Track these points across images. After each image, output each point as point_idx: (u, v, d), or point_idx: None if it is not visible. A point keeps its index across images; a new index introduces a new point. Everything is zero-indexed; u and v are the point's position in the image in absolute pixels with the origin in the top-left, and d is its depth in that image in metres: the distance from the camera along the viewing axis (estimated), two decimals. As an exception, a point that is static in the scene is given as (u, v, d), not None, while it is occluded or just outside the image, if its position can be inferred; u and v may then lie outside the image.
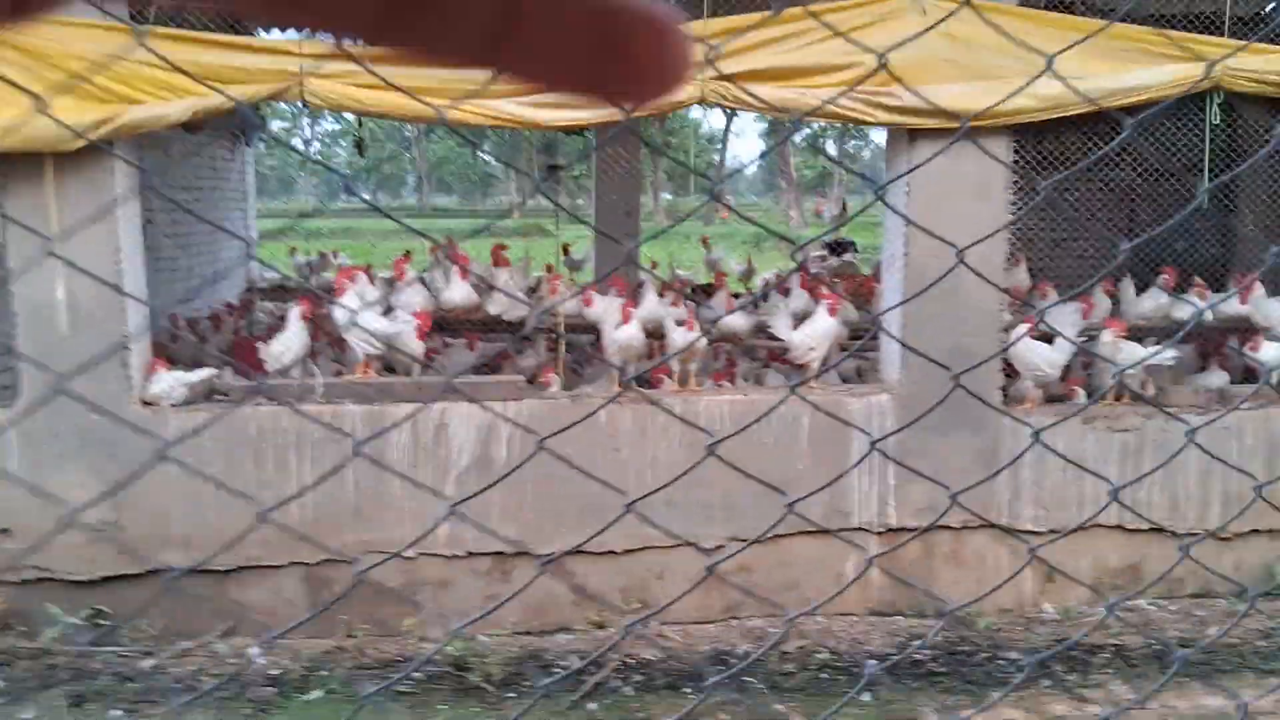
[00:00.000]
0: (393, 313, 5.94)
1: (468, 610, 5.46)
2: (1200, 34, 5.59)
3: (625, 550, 5.60)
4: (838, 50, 5.39)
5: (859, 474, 5.67)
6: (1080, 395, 6.00)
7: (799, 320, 6.24)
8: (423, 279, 7.35)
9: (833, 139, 37.50)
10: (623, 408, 5.65)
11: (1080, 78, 5.29)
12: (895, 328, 5.65)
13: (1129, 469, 5.75)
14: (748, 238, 20.86)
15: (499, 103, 5.31)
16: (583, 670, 5.17)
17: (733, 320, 6.39)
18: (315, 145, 48.44)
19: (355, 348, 5.58)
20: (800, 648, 5.37)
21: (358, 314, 5.48)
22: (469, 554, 5.51)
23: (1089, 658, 5.31)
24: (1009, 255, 5.77)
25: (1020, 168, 5.66)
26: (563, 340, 6.48)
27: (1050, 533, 5.72)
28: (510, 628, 5.51)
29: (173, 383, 5.44)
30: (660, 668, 5.23)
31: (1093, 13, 5.95)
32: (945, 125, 5.43)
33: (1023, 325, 5.72)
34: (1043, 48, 5.27)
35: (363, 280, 6.09)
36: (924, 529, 5.56)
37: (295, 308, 5.70)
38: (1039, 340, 5.81)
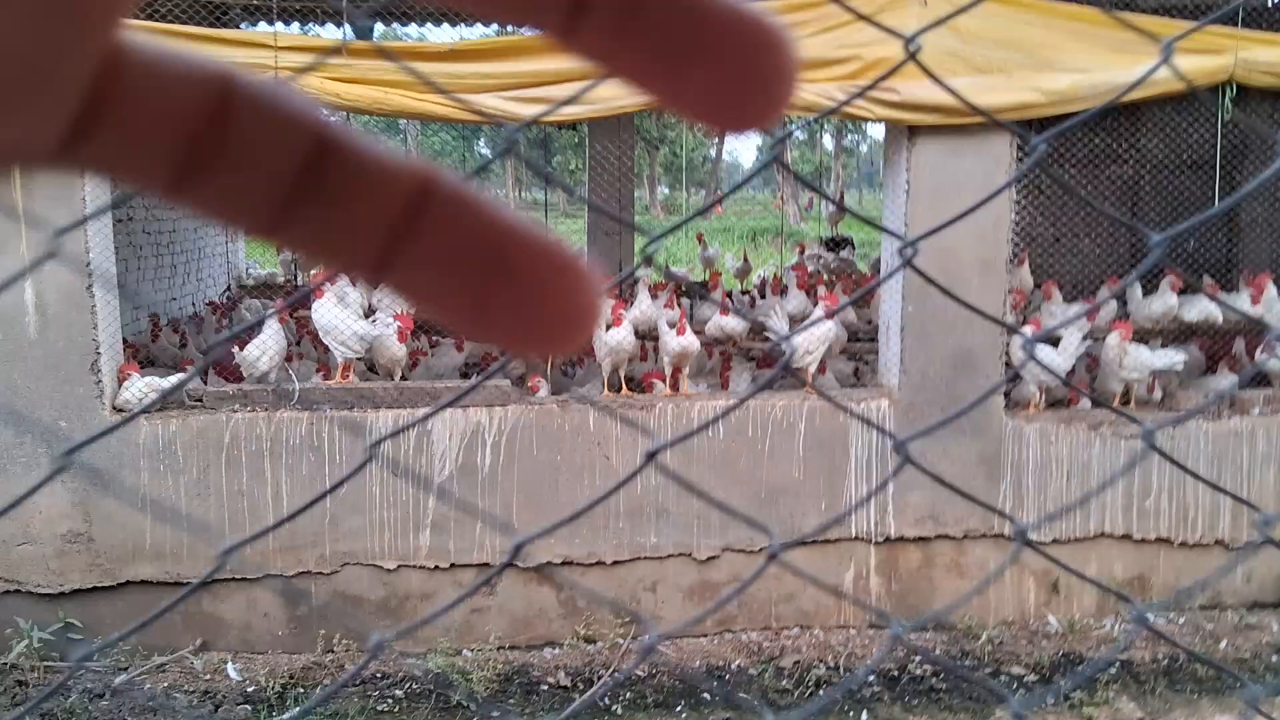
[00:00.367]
0: (375, 314, 5.74)
1: (450, 624, 5.27)
2: (1213, 24, 5.39)
3: (615, 561, 5.41)
4: (833, 43, 5.19)
5: (857, 482, 5.48)
6: (1085, 400, 5.81)
7: (796, 321, 6.05)
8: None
9: (830, 134, 37.27)
10: (611, 412, 5.46)
11: (1088, 70, 5.10)
12: (894, 332, 5.46)
13: (1136, 476, 5.56)
14: (744, 233, 20.66)
15: (481, 97, 5.10)
16: (570, 687, 4.99)
17: (727, 322, 6.19)
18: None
19: (334, 352, 5.38)
20: (796, 663, 5.18)
21: (333, 325, 5.28)
22: (452, 566, 5.32)
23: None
24: (1012, 255, 5.57)
25: (1022, 162, 5.46)
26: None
27: (1055, 543, 5.54)
28: (495, 642, 5.32)
29: (145, 388, 5.24)
30: (651, 684, 5.04)
31: (1103, 3, 5.74)
32: (946, 121, 5.23)
33: (1026, 327, 5.53)
34: (1049, 39, 5.08)
35: (342, 280, 5.88)
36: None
37: (273, 310, 5.50)
38: (1044, 343, 5.61)
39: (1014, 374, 5.48)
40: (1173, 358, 5.57)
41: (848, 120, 5.35)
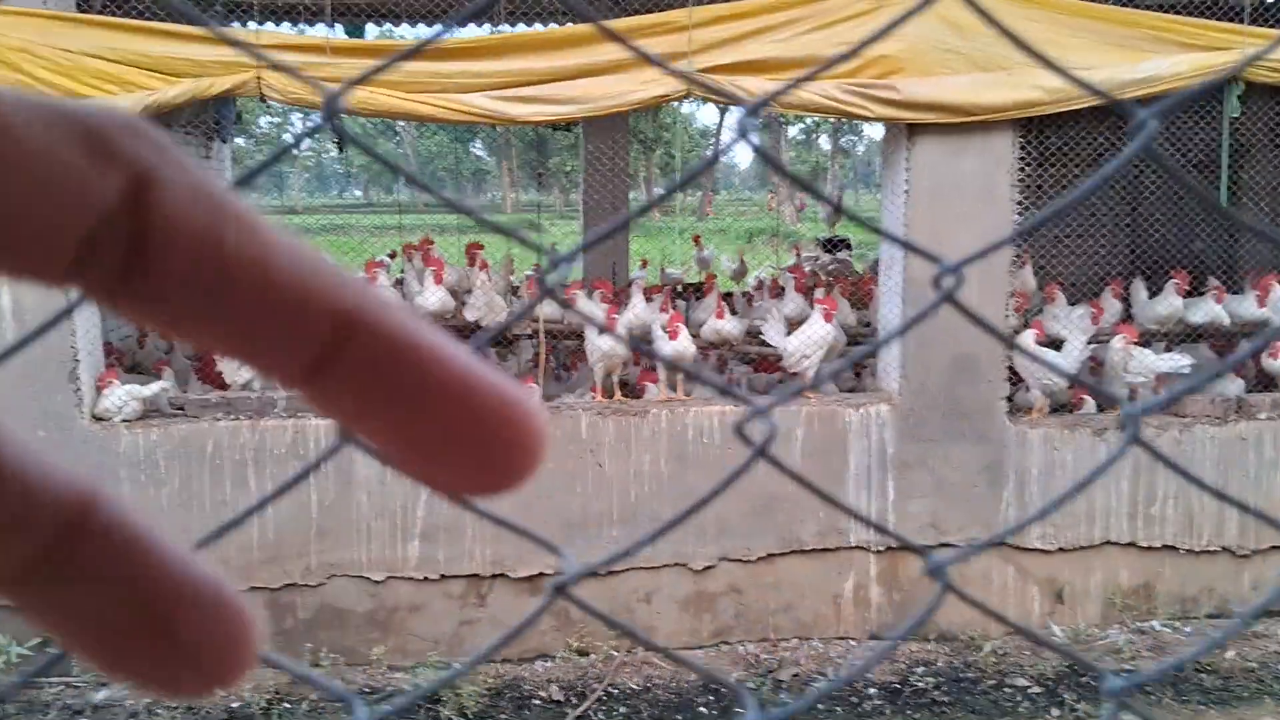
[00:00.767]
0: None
1: (439, 638, 5.14)
2: (1219, 20, 5.27)
3: (610, 571, 5.28)
4: (830, 41, 5.07)
5: (856, 489, 5.35)
6: (1089, 404, 5.68)
7: (793, 325, 5.92)
8: (400, 280, 7.02)
9: (826, 133, 37.13)
10: (605, 418, 5.33)
11: (1092, 68, 4.97)
12: (895, 338, 5.33)
13: (1142, 482, 5.44)
14: (740, 234, 20.53)
15: (471, 96, 4.98)
16: (564, 701, 4.86)
17: (723, 325, 6.06)
18: (306, 141, 48.04)
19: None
20: (795, 675, 5.06)
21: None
22: (441, 576, 5.19)
23: (1099, 683, 5.00)
24: (1015, 256, 5.44)
25: (1025, 163, 5.34)
26: (543, 344, 6.15)
27: (1059, 551, 5.41)
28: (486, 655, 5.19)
29: (125, 397, 5.10)
30: (646, 698, 4.92)
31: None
32: (946, 120, 5.11)
33: (1028, 331, 5.40)
34: (1052, 35, 4.95)
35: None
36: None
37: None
38: (1047, 346, 5.49)
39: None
40: (1178, 361, 5.45)
41: (846, 119, 5.24)
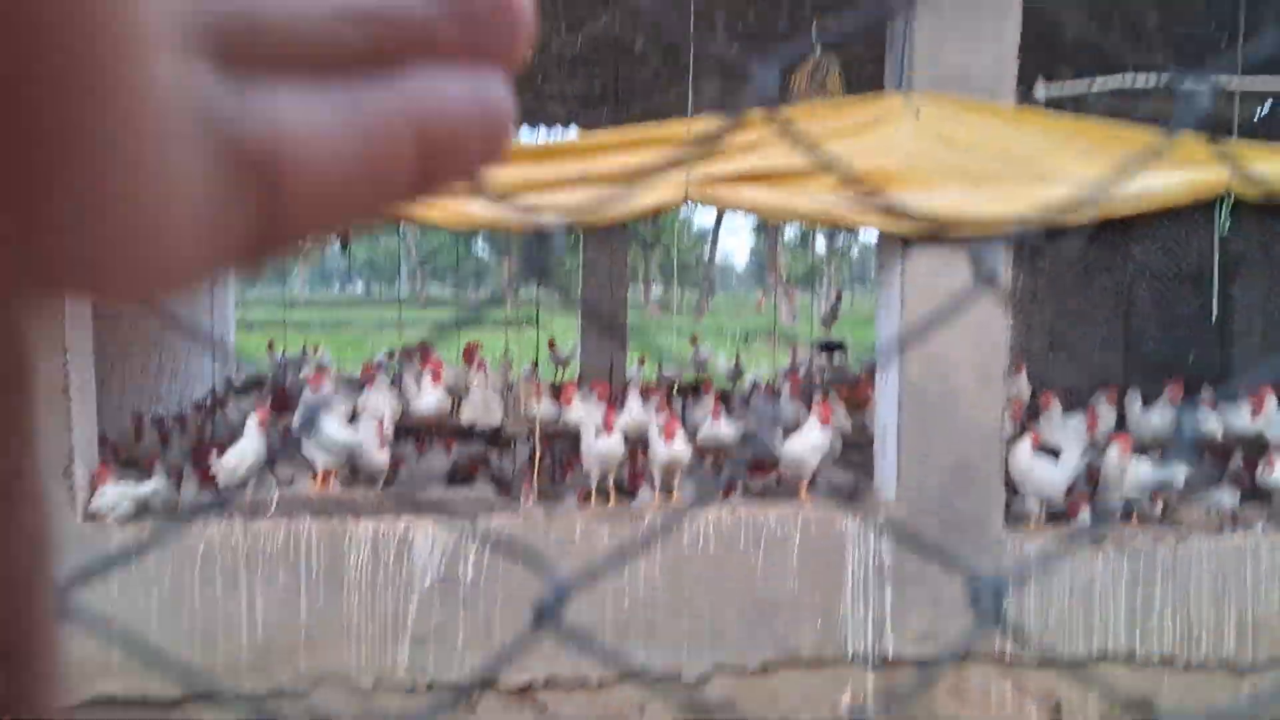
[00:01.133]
0: (358, 418, 5.61)
1: (428, 748, 5.04)
2: (1208, 138, 5.38)
3: (602, 683, 5.20)
4: (828, 153, 5.16)
5: (853, 598, 5.30)
6: (1085, 516, 5.66)
7: (789, 430, 5.92)
8: (398, 377, 7.04)
9: (823, 234, 37.62)
10: (599, 521, 5.30)
11: (1082, 184, 5.06)
12: (891, 443, 5.34)
13: (1139, 595, 5.39)
14: (736, 333, 20.66)
15: (471, 203, 5.05)
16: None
17: (719, 429, 6.06)
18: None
19: (314, 459, 5.24)
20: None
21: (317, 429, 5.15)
22: (431, 684, 5.10)
23: None
24: (1010, 363, 5.48)
25: (1019, 274, 5.40)
26: (539, 445, 6.14)
27: (1056, 665, 5.34)
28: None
29: (119, 496, 5.08)
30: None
31: (1096, 113, 5.75)
32: (941, 232, 5.18)
33: (1025, 439, 5.41)
34: (1044, 151, 5.06)
35: (328, 386, 5.78)
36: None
37: (253, 415, 5.37)
38: (1043, 455, 5.49)
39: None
40: (1175, 473, 5.45)
41: (841, 228, 5.31)
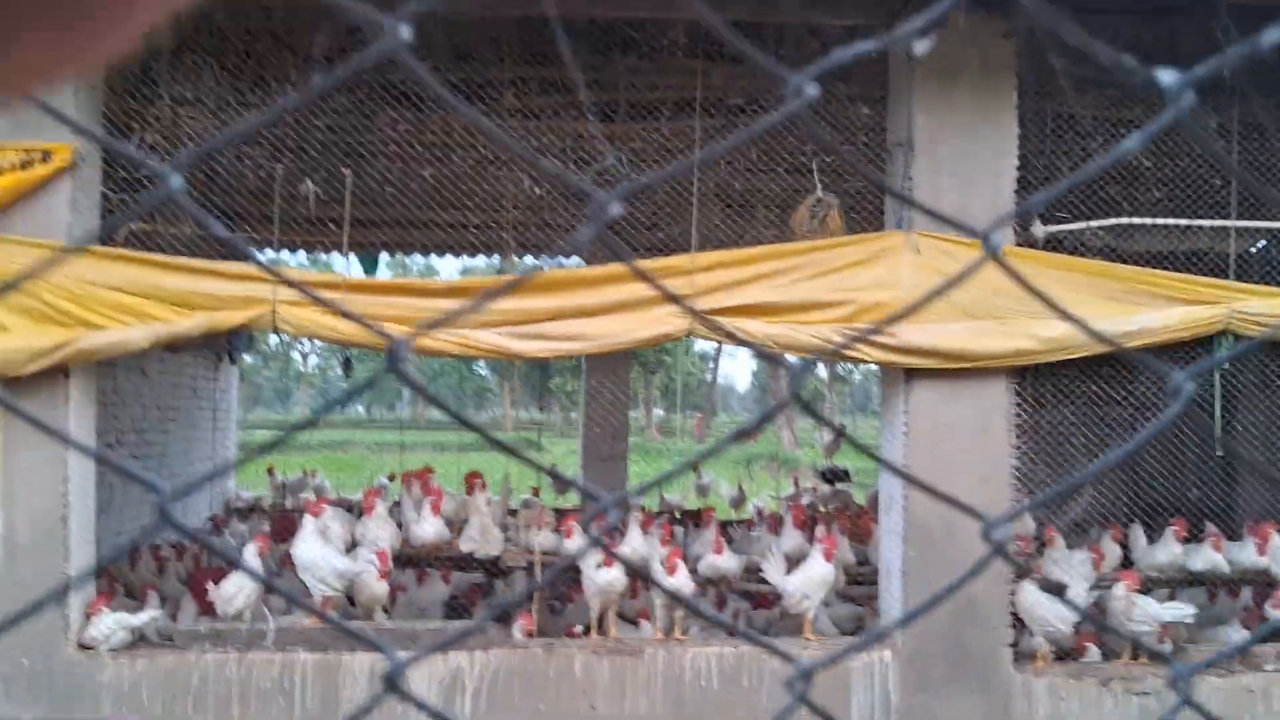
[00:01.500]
0: (357, 548, 5.56)
1: None
2: (1204, 274, 5.47)
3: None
4: (828, 287, 5.25)
5: (858, 738, 5.18)
6: (1093, 651, 5.57)
7: (792, 562, 5.87)
8: (396, 504, 6.99)
9: (823, 363, 37.81)
10: (600, 657, 5.22)
11: (1084, 320, 5.11)
12: (895, 578, 5.29)
13: (1151, 735, 5.27)
14: (739, 459, 20.59)
15: (480, 333, 5.11)
16: None
17: (721, 561, 6.00)
18: (314, 358, 48.89)
19: (313, 589, 5.18)
20: None
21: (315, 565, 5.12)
22: (425, 826, 4.95)
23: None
24: (1014, 499, 5.45)
25: (1021, 407, 5.42)
26: (539, 576, 6.07)
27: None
28: None
29: (114, 625, 5.02)
30: None
31: (1094, 253, 5.85)
32: (942, 365, 5.22)
33: (1032, 576, 5.35)
34: (1042, 287, 5.14)
35: (328, 514, 5.74)
36: None
37: (251, 545, 5.34)
38: (1049, 592, 5.42)
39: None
40: (1182, 610, 5.38)
41: (846, 361, 5.36)
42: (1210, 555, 5.81)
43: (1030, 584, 5.29)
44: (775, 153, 6.29)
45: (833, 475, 10.84)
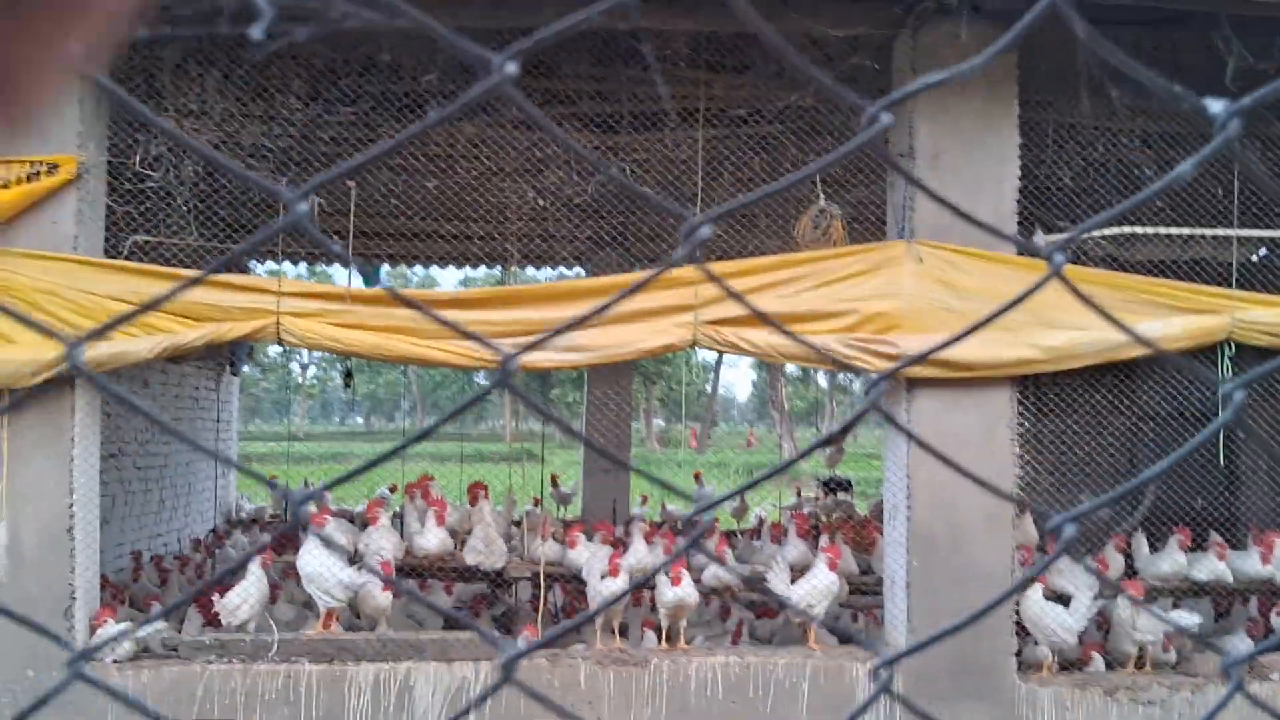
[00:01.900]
0: (361, 560, 5.56)
1: None
2: (1207, 283, 5.47)
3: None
4: (830, 297, 5.25)
5: (863, 748, 5.16)
6: (1098, 661, 5.56)
7: (796, 572, 5.86)
8: (398, 514, 6.98)
9: (824, 372, 37.82)
10: (604, 668, 5.21)
11: (1085, 328, 5.12)
12: (900, 588, 5.28)
13: (1159, 746, 5.25)
14: (740, 469, 20.59)
15: (477, 344, 5.11)
16: None
17: (725, 572, 6.00)
18: (313, 369, 48.87)
19: (317, 600, 5.18)
20: None
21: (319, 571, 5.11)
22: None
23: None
24: (1017, 508, 5.45)
25: (1024, 416, 5.42)
26: (543, 587, 6.07)
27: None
28: None
29: (118, 636, 5.01)
30: None
31: (1096, 263, 5.86)
32: (944, 375, 5.23)
33: (1035, 586, 5.34)
34: (1044, 296, 5.14)
35: (331, 525, 5.74)
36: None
37: (256, 556, 5.33)
38: (1054, 602, 5.42)
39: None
40: (1188, 619, 5.37)
41: (846, 371, 5.35)
42: (1214, 564, 5.81)
43: (1034, 593, 5.29)
44: (778, 163, 6.31)
45: (835, 485, 10.83)
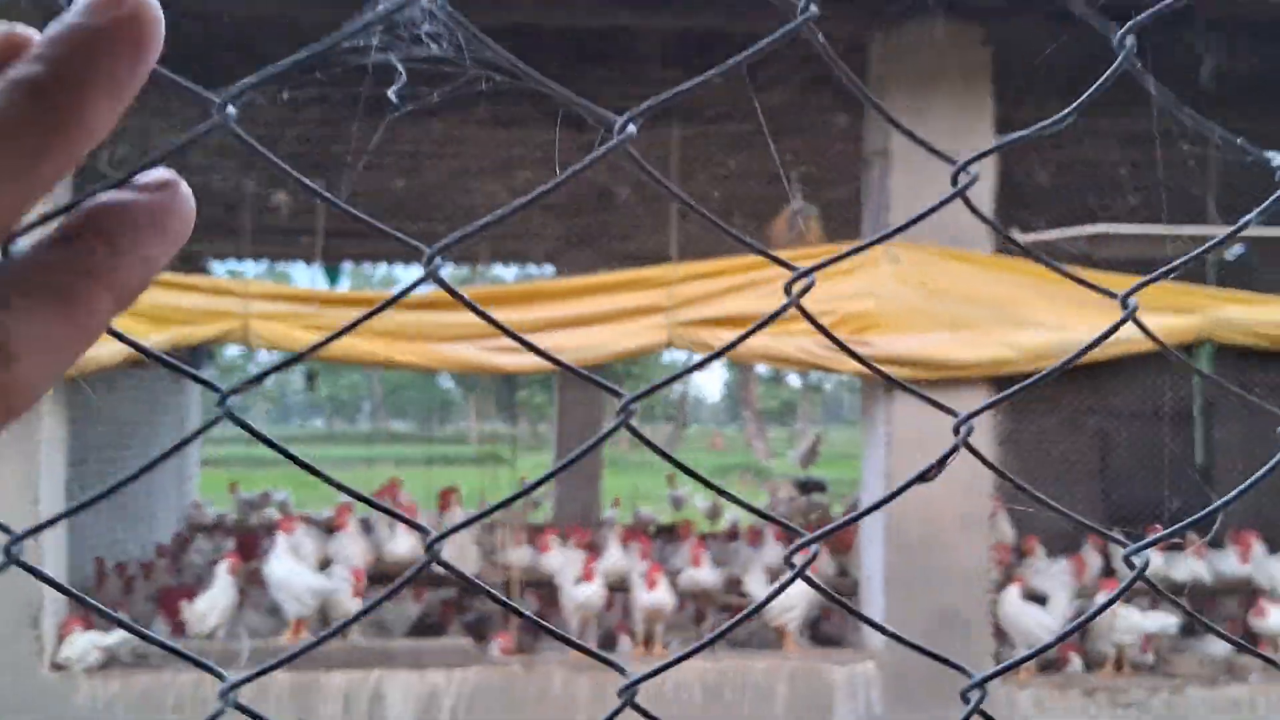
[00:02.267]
0: (330, 566, 5.46)
1: None
2: (1183, 282, 5.47)
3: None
4: (808, 297, 5.18)
5: (842, 752, 5.12)
6: (1075, 663, 5.55)
7: (774, 574, 5.81)
8: (366, 522, 6.87)
9: (796, 372, 37.87)
10: (579, 674, 5.14)
11: (1059, 327, 5.11)
12: (877, 590, 5.24)
13: (1137, 745, 5.24)
14: (712, 471, 20.55)
15: (454, 346, 5.04)
16: None
17: (701, 575, 5.94)
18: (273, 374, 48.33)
19: (285, 607, 5.07)
20: None
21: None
22: None
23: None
24: (993, 509, 5.43)
25: (1001, 416, 5.40)
26: (515, 592, 5.99)
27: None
28: None
29: (87, 646, 4.92)
30: None
31: (1071, 261, 5.84)
32: (922, 375, 5.19)
33: (1012, 586, 5.33)
34: (1018, 296, 5.12)
35: (299, 531, 5.63)
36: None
37: (223, 562, 5.22)
38: (1030, 602, 5.40)
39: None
40: (1166, 620, 5.37)
41: (823, 371, 5.33)
42: (1192, 564, 5.81)
43: (1011, 594, 5.26)
44: (753, 161, 6.26)
45: (809, 486, 10.82)
